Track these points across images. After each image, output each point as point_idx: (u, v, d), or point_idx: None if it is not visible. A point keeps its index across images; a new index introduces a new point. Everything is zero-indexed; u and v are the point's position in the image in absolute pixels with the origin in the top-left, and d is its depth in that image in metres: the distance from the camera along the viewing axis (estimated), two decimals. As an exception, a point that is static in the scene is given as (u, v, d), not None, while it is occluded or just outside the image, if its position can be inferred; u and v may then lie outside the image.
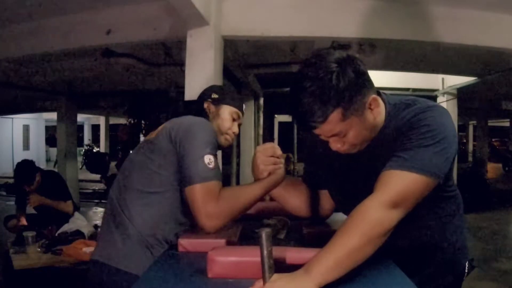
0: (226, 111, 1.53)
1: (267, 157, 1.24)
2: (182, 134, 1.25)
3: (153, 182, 1.28)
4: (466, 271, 1.26)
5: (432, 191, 1.04)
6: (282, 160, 1.26)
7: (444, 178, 1.07)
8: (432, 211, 1.17)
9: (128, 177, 1.34)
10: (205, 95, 1.57)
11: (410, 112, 1.08)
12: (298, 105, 1.00)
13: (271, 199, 1.42)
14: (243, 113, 1.58)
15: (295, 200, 1.37)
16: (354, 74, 1.00)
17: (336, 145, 1.10)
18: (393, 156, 1.02)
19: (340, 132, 1.05)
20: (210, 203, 1.16)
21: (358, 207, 0.96)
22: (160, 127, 1.37)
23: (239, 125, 1.58)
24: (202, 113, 1.49)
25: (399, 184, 0.98)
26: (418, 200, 1.00)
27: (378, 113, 1.10)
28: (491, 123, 15.39)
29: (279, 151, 1.25)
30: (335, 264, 0.88)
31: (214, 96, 1.54)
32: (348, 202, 0.99)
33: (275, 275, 0.84)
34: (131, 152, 1.50)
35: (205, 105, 1.53)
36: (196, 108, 1.52)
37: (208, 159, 1.20)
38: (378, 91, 1.16)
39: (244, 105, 1.62)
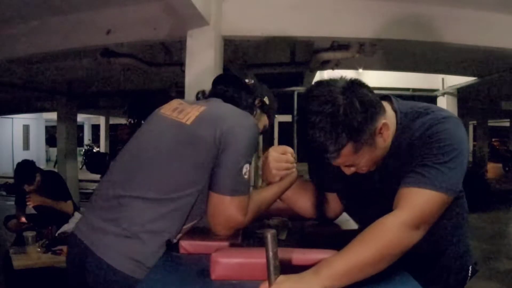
0: (263, 123, 1.40)
1: (279, 161, 1.23)
2: (228, 135, 1.13)
3: (183, 178, 1.14)
4: (470, 274, 1.26)
5: None
6: (295, 165, 1.26)
7: None
8: (443, 213, 1.17)
9: (147, 166, 1.17)
10: (260, 91, 1.39)
11: (424, 122, 1.06)
12: (311, 140, 1.00)
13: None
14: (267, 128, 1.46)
15: (304, 201, 1.36)
16: (361, 105, 0.99)
17: (350, 171, 1.10)
18: (412, 171, 1.01)
19: (353, 163, 1.06)
20: (236, 218, 1.12)
21: (380, 223, 0.95)
22: (194, 110, 1.20)
23: None
24: (252, 109, 1.34)
25: (421, 203, 0.97)
26: (436, 218, 1.00)
27: (388, 136, 1.08)
28: (491, 123, 15.40)
29: (292, 156, 1.25)
30: (345, 271, 0.87)
31: (266, 101, 1.39)
32: (359, 208, 0.98)
33: (282, 276, 0.83)
34: (144, 129, 1.31)
35: (257, 102, 1.37)
36: (251, 102, 1.35)
37: (246, 168, 1.14)
38: (389, 96, 1.14)
39: None
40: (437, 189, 0.98)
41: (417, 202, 0.97)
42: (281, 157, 1.24)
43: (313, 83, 1.10)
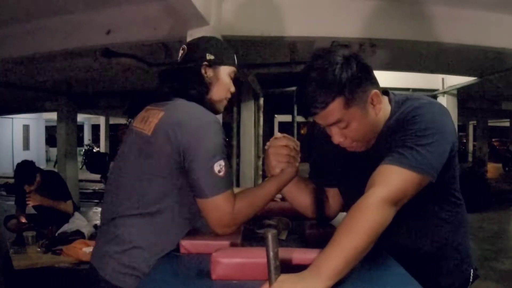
0: (225, 73, 1.35)
1: (280, 152, 1.21)
2: (186, 141, 1.13)
3: (152, 190, 1.17)
4: (471, 279, 1.26)
5: (442, 196, 1.05)
6: (297, 157, 1.23)
7: (449, 180, 1.10)
8: (442, 216, 1.18)
9: (122, 182, 1.22)
10: (198, 57, 1.32)
11: (410, 105, 1.11)
12: (302, 93, 1.06)
13: (282, 199, 1.41)
14: (238, 68, 1.41)
15: (304, 198, 1.35)
16: (357, 67, 1.05)
17: (338, 139, 1.11)
18: (392, 151, 1.03)
19: (340, 119, 1.07)
20: (225, 214, 1.13)
21: (361, 204, 0.96)
22: (155, 118, 1.20)
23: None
24: (201, 84, 1.30)
25: (398, 181, 0.99)
26: (411, 197, 1.01)
27: (379, 110, 1.12)
28: (491, 123, 15.41)
29: (294, 147, 1.22)
30: (344, 264, 0.87)
31: (210, 57, 1.32)
32: (355, 199, 0.99)
33: (282, 276, 0.83)
34: (122, 146, 1.32)
35: (202, 71, 1.31)
36: (193, 78, 1.30)
37: (219, 166, 1.13)
38: (387, 91, 1.18)
39: (235, 56, 1.41)
40: (414, 169, 1.00)
41: (395, 180, 0.99)
42: (283, 148, 1.21)
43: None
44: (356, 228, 0.92)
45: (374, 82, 1.10)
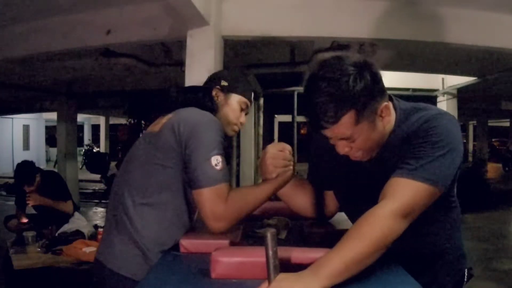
0: (235, 101, 1.44)
1: (277, 158, 1.23)
2: (188, 133, 1.19)
3: (156, 180, 1.22)
4: (465, 279, 1.28)
5: (440, 200, 1.05)
6: (292, 162, 1.25)
7: (448, 187, 1.09)
8: (438, 219, 1.19)
9: (129, 173, 1.28)
10: (214, 81, 1.46)
11: (420, 117, 1.08)
12: (312, 104, 1.00)
13: (276, 198, 1.41)
14: (251, 102, 1.49)
15: (301, 199, 1.36)
16: (371, 79, 1.00)
17: (343, 149, 1.09)
18: (404, 163, 1.02)
19: (350, 136, 1.04)
20: (218, 206, 1.15)
21: (370, 214, 0.96)
22: (164, 119, 1.29)
23: (246, 114, 1.50)
24: (210, 101, 1.40)
25: (410, 194, 0.98)
26: (424, 209, 1.01)
27: (388, 122, 1.10)
28: (491, 123, 15.43)
29: (289, 153, 1.24)
30: (343, 267, 0.88)
31: (224, 83, 1.44)
32: (354, 205, 0.99)
33: (281, 275, 0.84)
34: (134, 144, 1.42)
35: (214, 92, 1.42)
36: (204, 95, 1.40)
37: (216, 160, 1.17)
38: (390, 96, 1.15)
39: (252, 93, 1.52)
40: (427, 182, 0.99)
41: (407, 192, 0.98)
42: (279, 153, 1.23)
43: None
44: (361, 235, 0.93)
45: (383, 92, 1.06)
